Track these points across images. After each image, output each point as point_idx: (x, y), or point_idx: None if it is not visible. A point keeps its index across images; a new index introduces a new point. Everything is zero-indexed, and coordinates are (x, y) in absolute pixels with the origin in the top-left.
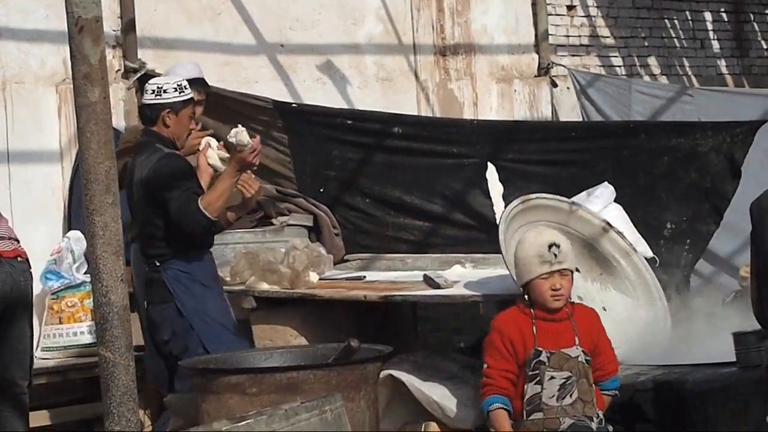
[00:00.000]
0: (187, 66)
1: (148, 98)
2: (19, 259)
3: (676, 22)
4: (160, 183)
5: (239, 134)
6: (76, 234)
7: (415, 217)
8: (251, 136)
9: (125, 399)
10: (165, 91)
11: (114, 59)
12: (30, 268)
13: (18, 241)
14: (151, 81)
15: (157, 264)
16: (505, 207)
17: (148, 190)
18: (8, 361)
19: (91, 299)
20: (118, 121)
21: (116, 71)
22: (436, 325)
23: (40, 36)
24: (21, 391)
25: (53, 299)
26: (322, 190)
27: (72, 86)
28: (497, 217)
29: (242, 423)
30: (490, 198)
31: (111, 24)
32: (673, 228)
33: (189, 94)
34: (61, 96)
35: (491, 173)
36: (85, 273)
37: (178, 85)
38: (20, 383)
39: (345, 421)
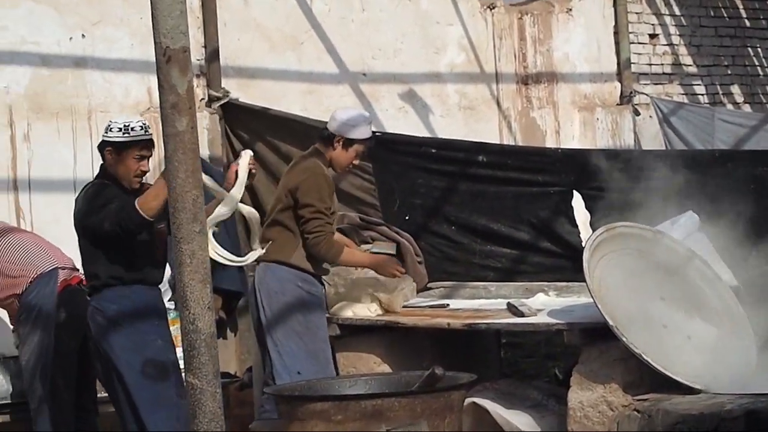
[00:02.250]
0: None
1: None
2: (82, 286)
3: (759, 50)
4: (85, 211)
5: None
6: None
7: (501, 244)
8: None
9: (212, 426)
10: (110, 129)
11: (198, 88)
12: None
13: (77, 270)
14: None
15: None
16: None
17: (78, 223)
18: (81, 386)
19: (176, 326)
20: (203, 150)
21: (200, 100)
22: (528, 351)
23: (125, 65)
24: (92, 414)
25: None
26: (407, 217)
27: (156, 115)
28: (584, 244)
29: None
30: (576, 225)
31: (195, 53)
32: (758, 256)
33: (135, 136)
34: None
35: (577, 201)
36: (170, 300)
37: (125, 125)
38: (92, 407)
39: None
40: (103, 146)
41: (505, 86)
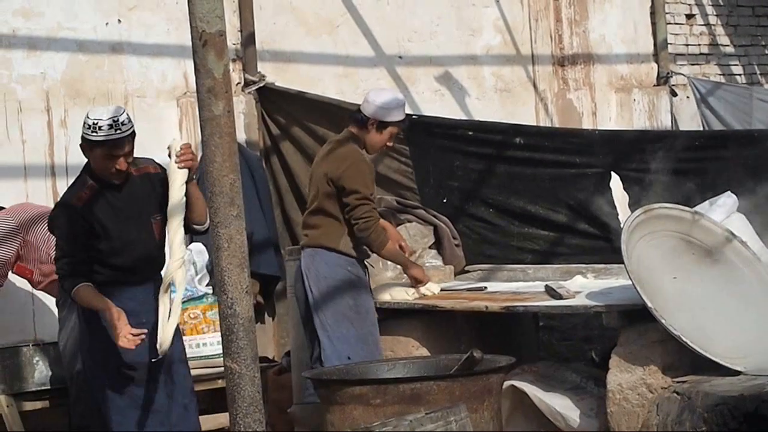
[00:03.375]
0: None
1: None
2: None
3: None
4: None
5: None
6: (198, 246)
7: (539, 226)
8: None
9: (251, 410)
10: (84, 122)
11: (234, 72)
12: None
13: None
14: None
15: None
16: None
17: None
18: None
19: (213, 311)
20: (239, 134)
21: (236, 84)
22: (565, 334)
23: (161, 50)
24: None
25: None
26: (445, 200)
27: (192, 99)
28: (622, 225)
29: None
30: (614, 207)
31: (231, 37)
32: None
33: (102, 136)
34: (182, 109)
35: (615, 182)
36: (207, 285)
37: (93, 122)
38: None
39: (470, 431)
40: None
41: (542, 68)
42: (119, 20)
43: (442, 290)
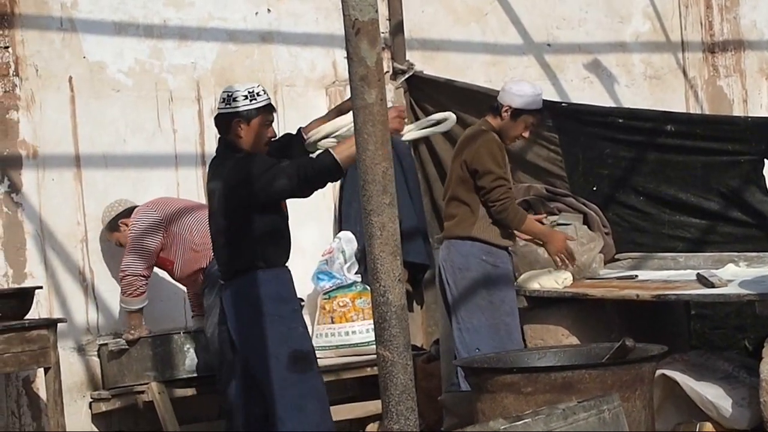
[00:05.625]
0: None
1: (219, 107)
2: None
3: None
4: (244, 181)
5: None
6: (346, 234)
7: (691, 214)
8: None
9: (404, 398)
10: (234, 99)
11: (383, 61)
12: None
13: None
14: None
15: (222, 282)
16: None
17: (225, 198)
18: None
19: (363, 299)
20: None
21: (385, 73)
22: (717, 323)
23: (310, 39)
24: None
25: (325, 299)
26: (595, 188)
27: (341, 88)
28: None
29: (520, 422)
30: None
31: (380, 26)
32: None
33: (263, 101)
34: (331, 98)
35: None
36: (356, 273)
37: (249, 92)
38: None
39: (623, 421)
40: (229, 118)
41: (692, 55)
42: (268, 10)
43: (591, 278)
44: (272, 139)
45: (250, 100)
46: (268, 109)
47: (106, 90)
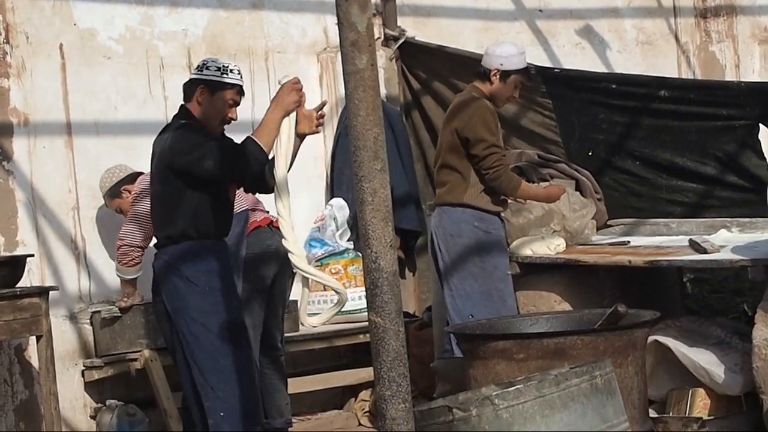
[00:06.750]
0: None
1: (192, 72)
2: (271, 226)
3: None
4: (177, 152)
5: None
6: (338, 201)
7: (688, 179)
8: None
9: (395, 364)
10: (206, 67)
11: (374, 27)
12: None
13: (267, 211)
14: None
15: (156, 250)
16: None
17: (162, 165)
18: (271, 325)
19: (355, 266)
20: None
21: (376, 39)
22: (716, 287)
23: (301, 6)
24: (281, 353)
25: (317, 266)
26: (590, 153)
27: (332, 55)
28: None
29: (512, 388)
30: (763, 159)
31: None
32: None
33: (233, 78)
34: (323, 65)
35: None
36: (348, 240)
37: (224, 66)
38: (280, 346)
39: (615, 386)
40: (194, 84)
41: (684, 20)
42: None
43: (583, 245)
44: (230, 121)
45: (222, 74)
46: (236, 90)
47: (97, 57)
